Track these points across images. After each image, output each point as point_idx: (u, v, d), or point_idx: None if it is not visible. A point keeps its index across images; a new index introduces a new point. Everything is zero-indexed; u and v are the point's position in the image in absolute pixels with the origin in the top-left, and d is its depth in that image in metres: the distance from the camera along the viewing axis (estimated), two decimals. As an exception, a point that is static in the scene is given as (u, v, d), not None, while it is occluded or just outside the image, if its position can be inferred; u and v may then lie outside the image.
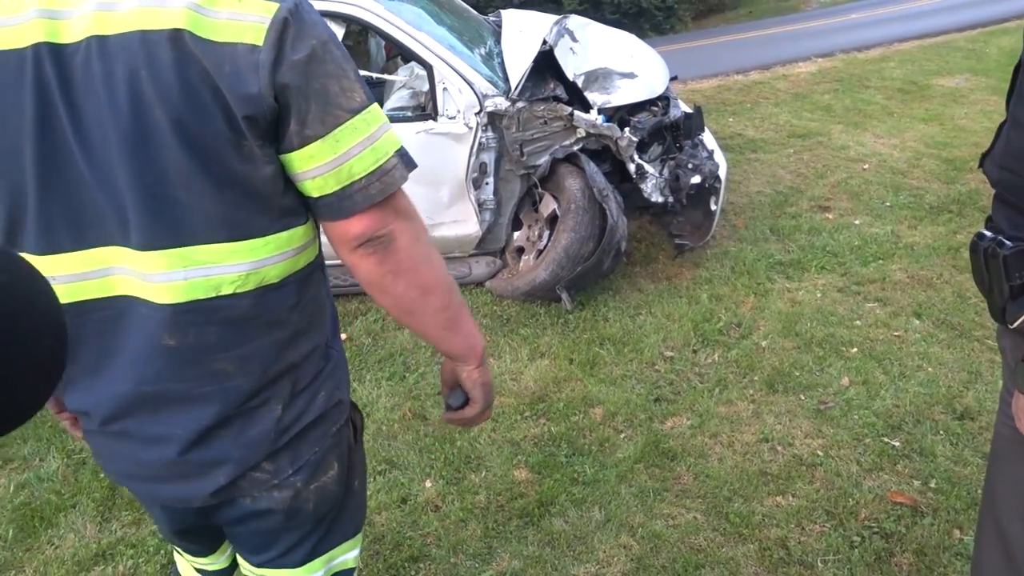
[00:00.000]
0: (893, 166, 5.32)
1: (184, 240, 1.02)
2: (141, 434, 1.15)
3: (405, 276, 1.12)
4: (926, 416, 2.81)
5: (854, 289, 3.75)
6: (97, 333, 1.09)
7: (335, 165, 1.02)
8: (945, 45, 9.62)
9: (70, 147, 0.98)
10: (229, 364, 1.10)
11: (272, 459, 1.19)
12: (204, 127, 0.97)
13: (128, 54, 0.94)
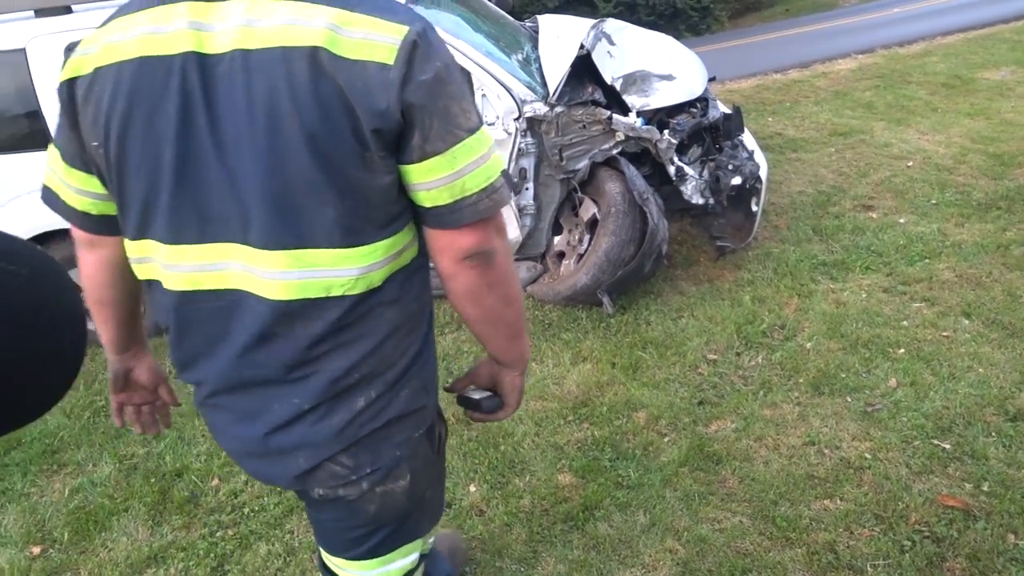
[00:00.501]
0: (938, 163, 5.22)
1: (303, 243, 1.09)
2: (238, 411, 1.27)
3: (497, 289, 1.21)
4: (977, 418, 2.75)
5: (900, 289, 3.69)
6: (207, 320, 1.19)
7: (451, 180, 1.10)
8: (990, 37, 9.41)
9: (207, 150, 1.06)
10: (326, 357, 1.18)
11: (352, 454, 1.26)
12: (334, 139, 1.04)
13: (269, 68, 1.02)
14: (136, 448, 3.21)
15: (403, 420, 1.29)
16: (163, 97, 1.05)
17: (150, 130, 1.07)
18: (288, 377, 1.20)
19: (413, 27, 1.05)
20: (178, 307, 1.20)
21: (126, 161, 1.10)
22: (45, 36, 3.55)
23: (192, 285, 1.17)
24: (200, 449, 3.15)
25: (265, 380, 1.21)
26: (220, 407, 1.29)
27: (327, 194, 1.07)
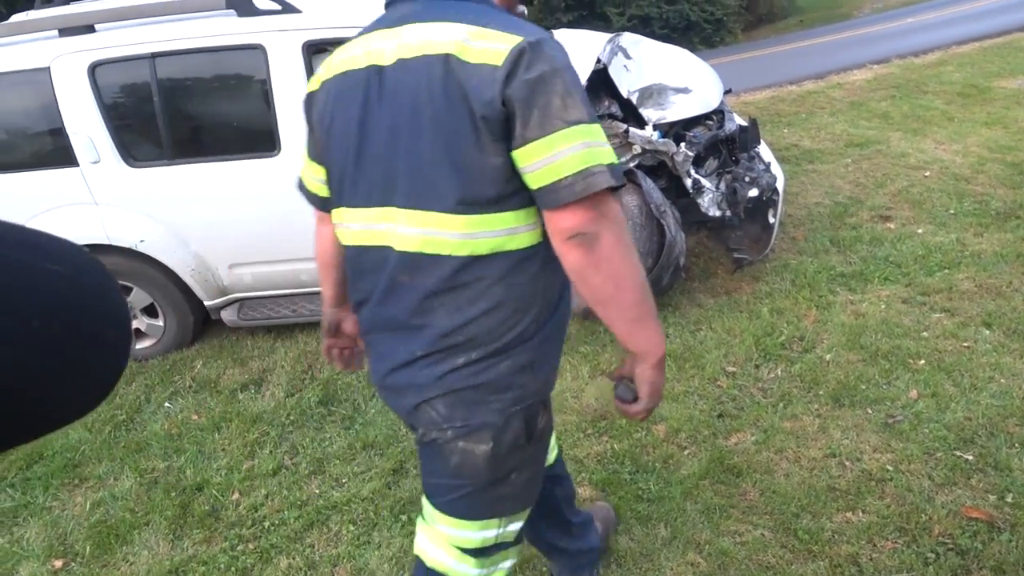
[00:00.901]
0: (956, 172, 5.20)
1: (426, 206, 1.36)
2: (377, 349, 1.55)
3: (603, 270, 1.32)
4: (1000, 429, 2.73)
5: (919, 300, 3.67)
6: (371, 269, 1.49)
7: (548, 162, 1.27)
8: (1006, 46, 9.38)
9: (377, 132, 1.40)
10: (436, 312, 1.41)
11: (447, 403, 1.46)
12: (454, 124, 1.30)
13: (416, 70, 1.33)
14: (157, 462, 3.24)
15: (499, 390, 1.45)
16: (353, 97, 1.42)
17: (345, 121, 1.44)
18: (409, 323, 1.45)
19: (527, 39, 1.28)
20: (351, 259, 1.55)
21: (332, 145, 1.48)
22: (69, 55, 3.60)
23: (362, 240, 1.49)
24: (220, 463, 3.17)
25: (394, 324, 1.48)
26: (369, 345, 1.59)
27: (446, 168, 1.33)
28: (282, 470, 3.10)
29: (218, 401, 3.66)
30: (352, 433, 3.25)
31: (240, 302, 4.13)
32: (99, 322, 0.53)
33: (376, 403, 3.44)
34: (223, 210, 3.77)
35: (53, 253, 0.51)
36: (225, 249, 3.89)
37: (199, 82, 3.78)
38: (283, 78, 3.55)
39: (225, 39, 3.56)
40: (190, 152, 3.75)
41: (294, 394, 3.62)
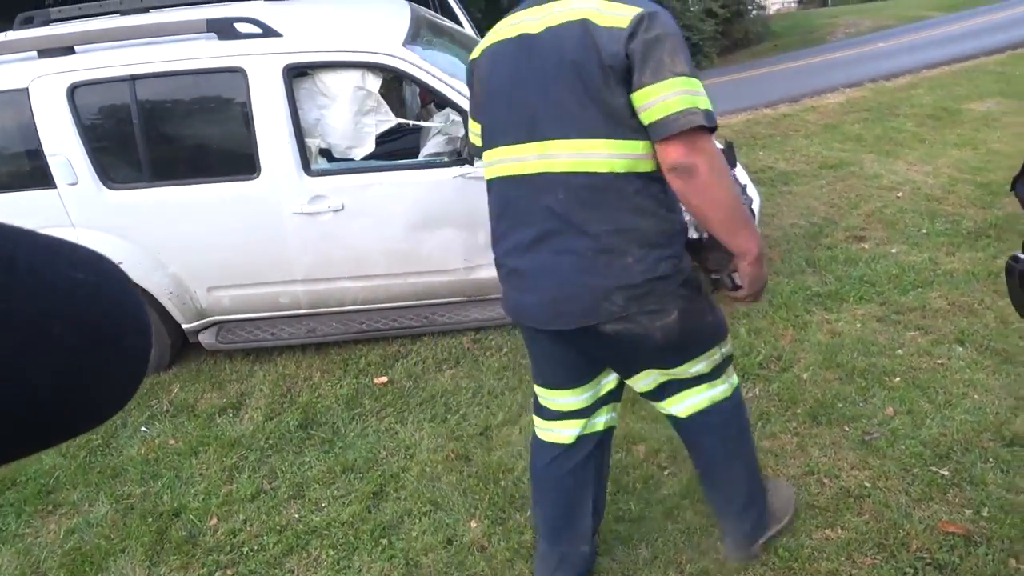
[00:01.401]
0: (927, 193, 5.29)
1: (573, 135, 1.75)
2: (541, 262, 1.86)
3: (701, 196, 1.70)
4: (974, 444, 2.77)
5: (894, 318, 3.72)
6: (525, 195, 1.84)
7: (658, 102, 1.65)
8: (975, 69, 9.58)
9: (526, 86, 1.80)
10: (593, 218, 1.77)
11: (624, 297, 1.78)
12: (589, 70, 1.70)
13: (560, 33, 1.74)
14: (133, 487, 3.21)
15: (663, 279, 1.79)
16: (505, 61, 1.86)
17: (499, 79, 1.88)
18: (568, 232, 1.79)
19: (647, 9, 1.70)
20: (504, 188, 1.91)
21: (487, 100, 1.93)
22: (48, 76, 3.59)
23: (512, 171, 1.86)
24: (198, 488, 3.14)
25: (556, 233, 1.81)
26: (512, 271, 1.95)
27: (585, 104, 1.72)
28: (261, 494, 3.08)
29: (196, 425, 3.62)
30: (331, 456, 3.23)
31: (218, 325, 4.11)
32: (120, 330, 0.53)
33: (356, 426, 3.43)
34: (202, 233, 3.76)
35: (75, 260, 0.52)
36: (204, 272, 3.87)
37: (179, 105, 3.78)
38: (263, 101, 3.56)
39: (206, 62, 3.57)
40: (169, 174, 3.75)
41: (273, 418, 3.60)
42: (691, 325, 1.89)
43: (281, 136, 3.59)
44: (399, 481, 3.00)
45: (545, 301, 1.86)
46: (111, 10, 4.13)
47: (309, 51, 3.60)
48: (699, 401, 2.09)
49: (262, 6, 4.06)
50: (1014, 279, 1.31)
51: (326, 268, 3.84)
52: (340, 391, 3.70)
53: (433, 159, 3.86)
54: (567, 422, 2.15)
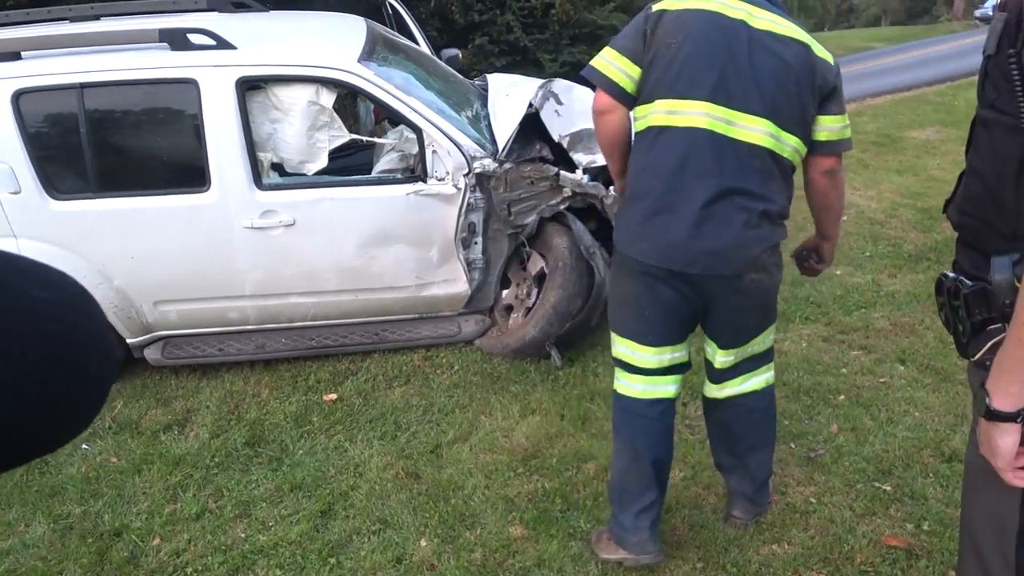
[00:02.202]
0: (871, 217, 5.45)
1: (776, 121, 2.09)
2: (710, 217, 2.13)
3: (835, 192, 2.28)
4: (915, 460, 2.84)
5: (839, 338, 3.81)
6: (700, 149, 2.11)
7: (839, 127, 2.18)
8: (916, 99, 9.91)
9: (743, 60, 2.07)
10: (766, 189, 2.12)
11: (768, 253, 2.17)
12: (805, 83, 2.10)
13: (790, 45, 2.09)
14: (72, 507, 3.11)
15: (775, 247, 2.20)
16: (718, 31, 2.08)
17: (715, 43, 2.08)
18: (743, 191, 2.10)
19: (833, 58, 2.19)
20: (677, 140, 2.13)
21: (678, 56, 2.09)
22: None
23: (701, 125, 2.10)
24: (141, 507, 3.06)
25: (733, 191, 2.11)
26: (673, 218, 2.15)
27: (793, 104, 2.10)
28: (206, 514, 3.01)
29: (139, 443, 3.53)
30: (279, 475, 3.17)
31: (165, 340, 4.02)
32: (84, 351, 0.52)
33: (304, 443, 3.38)
34: (149, 246, 3.68)
35: (40, 280, 0.51)
36: (150, 285, 3.79)
37: (128, 114, 3.72)
38: (215, 114, 3.52)
39: (157, 72, 3.52)
40: (116, 185, 3.67)
41: (219, 435, 3.52)
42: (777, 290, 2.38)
43: (232, 149, 3.55)
44: (348, 499, 2.96)
45: (716, 248, 2.12)
46: (60, 16, 4.05)
47: (263, 64, 3.58)
48: (759, 381, 2.46)
49: (216, 18, 4.03)
50: (942, 296, 1.36)
51: (276, 284, 3.79)
52: (289, 408, 3.65)
53: (386, 176, 3.86)
54: (670, 377, 2.39)
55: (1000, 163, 1.24)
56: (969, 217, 1.34)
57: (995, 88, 1.23)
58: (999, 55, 1.19)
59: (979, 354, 1.29)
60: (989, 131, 1.27)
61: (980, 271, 1.28)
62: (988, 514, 1.39)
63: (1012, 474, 1.24)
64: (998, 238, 1.26)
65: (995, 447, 1.23)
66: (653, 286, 2.21)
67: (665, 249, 2.14)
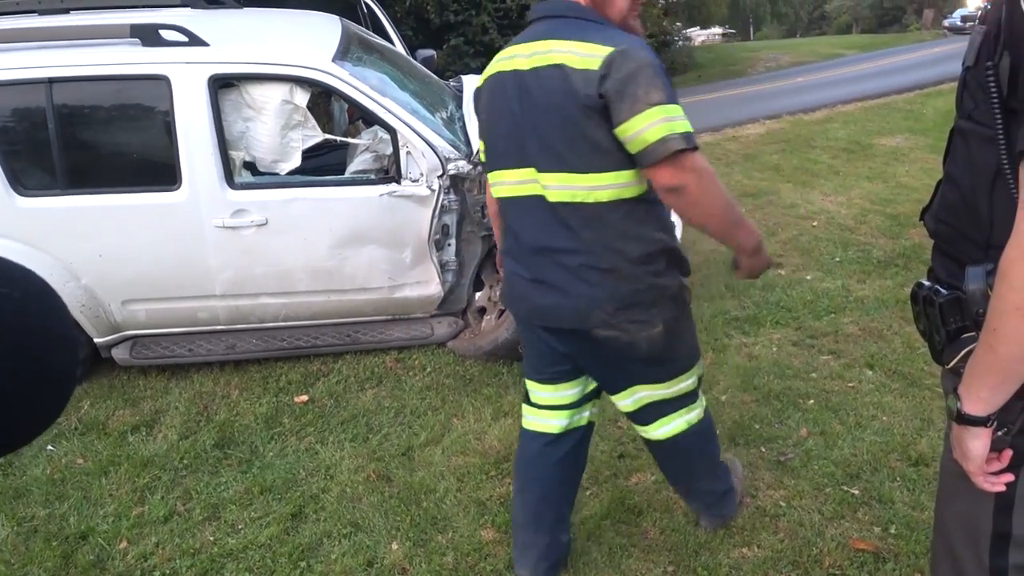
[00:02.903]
0: (841, 223, 5.52)
1: (563, 169, 1.91)
2: (533, 271, 2.06)
3: (695, 210, 1.87)
4: (883, 464, 2.88)
5: (808, 342, 3.86)
6: (520, 213, 2.05)
7: (637, 135, 1.78)
8: (885, 106, 10.06)
9: (522, 117, 1.95)
10: (581, 242, 1.94)
11: (613, 307, 1.96)
12: (573, 111, 1.84)
13: (547, 75, 1.88)
14: (37, 509, 3.05)
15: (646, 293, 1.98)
16: (504, 93, 2.00)
17: (500, 110, 2.03)
18: (561, 250, 1.97)
19: (618, 47, 1.80)
20: (506, 207, 2.10)
21: (490, 127, 2.11)
22: None
23: (515, 192, 2.04)
24: (107, 510, 3.02)
25: (548, 251, 2.00)
26: (516, 275, 2.12)
27: (572, 142, 1.87)
28: (174, 516, 2.97)
29: (106, 444, 3.48)
30: (249, 477, 3.14)
31: (133, 340, 3.97)
32: (47, 347, 0.51)
33: (275, 445, 3.35)
34: (118, 244, 3.63)
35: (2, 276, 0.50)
36: (119, 284, 3.74)
37: (98, 111, 3.66)
38: (187, 111, 3.48)
39: (128, 68, 3.47)
40: (85, 182, 3.62)
41: (188, 436, 3.48)
42: (675, 340, 2.10)
43: (204, 147, 3.51)
44: (319, 502, 2.94)
45: (547, 305, 2.05)
46: (29, 9, 3.98)
47: (236, 62, 3.54)
48: (678, 425, 2.29)
49: (190, 14, 3.98)
50: (918, 304, 1.37)
51: (247, 284, 3.76)
52: (259, 409, 3.61)
53: (360, 176, 3.84)
54: (556, 413, 2.30)
55: (976, 173, 1.25)
56: (945, 225, 1.36)
57: (973, 99, 1.25)
58: (977, 67, 1.21)
59: (953, 362, 1.31)
60: (966, 141, 1.29)
61: (955, 279, 1.29)
62: (962, 518, 1.40)
63: (984, 478, 1.26)
64: (972, 247, 1.28)
65: (967, 451, 1.25)
66: (526, 330, 2.27)
67: (516, 302, 2.19)
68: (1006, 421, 1.23)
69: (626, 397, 2.25)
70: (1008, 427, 1.24)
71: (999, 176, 1.19)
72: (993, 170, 1.20)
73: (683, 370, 2.21)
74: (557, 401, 2.30)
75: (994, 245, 1.18)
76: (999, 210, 1.21)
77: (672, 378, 2.19)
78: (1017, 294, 1.08)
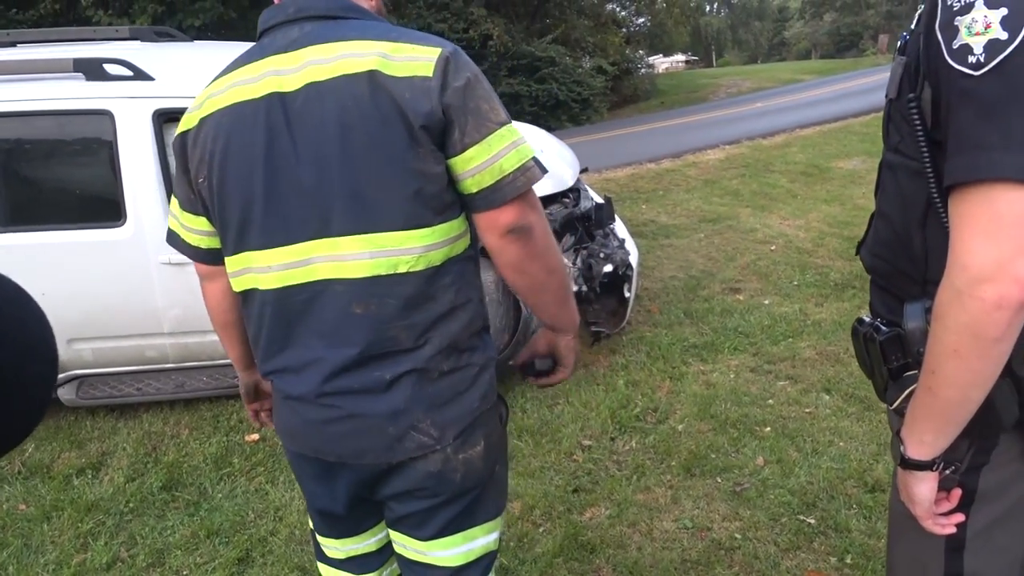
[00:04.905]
0: (799, 246, 5.56)
1: (374, 228, 1.30)
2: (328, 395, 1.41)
3: (539, 260, 1.37)
4: (839, 491, 2.86)
5: (766, 368, 3.85)
6: (298, 311, 1.38)
7: (490, 163, 1.29)
8: (842, 130, 10.23)
9: (290, 165, 1.31)
10: (401, 331, 1.35)
11: (433, 422, 1.40)
12: (392, 139, 1.27)
13: (337, 92, 1.28)
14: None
15: (473, 392, 1.44)
16: (253, 132, 1.32)
17: (242, 159, 1.34)
18: (368, 353, 1.36)
19: (445, 48, 1.31)
20: (273, 303, 1.40)
21: (224, 187, 1.37)
22: None
23: (285, 281, 1.37)
24: (48, 558, 2.91)
25: (349, 363, 1.37)
26: (323, 401, 1.43)
27: (391, 186, 1.29)
28: (117, 563, 2.86)
29: (50, 488, 3.37)
30: (196, 520, 3.05)
31: (80, 379, 3.86)
32: (21, 355, 0.49)
33: (224, 486, 3.26)
34: (62, 281, 3.53)
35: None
36: (63, 323, 3.63)
37: (40, 145, 3.58)
38: (131, 146, 3.41)
39: (71, 103, 3.40)
40: (27, 219, 3.53)
41: (135, 479, 3.38)
42: (489, 467, 1.51)
43: (149, 182, 3.44)
44: (267, 545, 2.86)
45: (344, 432, 1.42)
46: (-26, 43, 3.91)
47: (182, 96, 3.48)
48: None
49: (138, 47, 3.93)
50: (859, 341, 1.35)
51: (195, 321, 3.66)
52: (209, 449, 3.52)
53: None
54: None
55: (907, 207, 1.23)
56: (880, 260, 1.34)
57: (898, 131, 1.23)
58: (900, 99, 1.19)
59: (897, 401, 1.28)
60: (894, 174, 1.26)
61: (895, 315, 1.27)
62: (912, 559, 1.38)
63: (932, 521, 1.23)
64: (909, 283, 1.25)
65: (912, 495, 1.22)
66: (310, 473, 1.65)
67: (304, 436, 1.53)
68: (953, 459, 1.20)
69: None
70: (956, 465, 1.21)
71: (930, 210, 1.16)
72: (924, 204, 1.18)
73: (490, 515, 1.57)
74: (355, 552, 1.71)
75: (931, 280, 1.16)
76: (933, 245, 1.18)
77: (471, 525, 1.54)
78: (953, 336, 1.04)
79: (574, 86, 17.06)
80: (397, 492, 1.48)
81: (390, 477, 1.45)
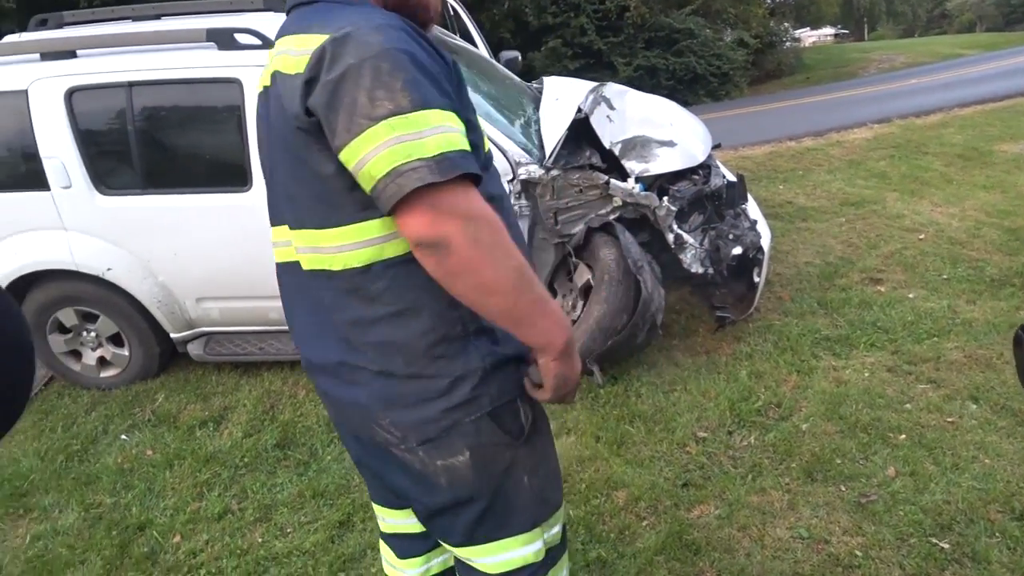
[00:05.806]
0: (951, 236, 5.09)
1: (303, 225, 1.32)
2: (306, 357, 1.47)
3: (464, 279, 1.17)
4: (980, 515, 2.57)
5: (905, 369, 3.53)
6: (291, 287, 1.44)
7: (358, 168, 1.15)
8: (1008, 109, 9.34)
9: (265, 153, 1.41)
10: (341, 324, 1.33)
11: (392, 422, 1.35)
12: (290, 139, 1.25)
13: (273, 93, 1.29)
14: (104, 497, 3.18)
15: (443, 401, 1.32)
16: (258, 120, 1.42)
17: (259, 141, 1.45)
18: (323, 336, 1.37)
19: (333, 34, 1.15)
20: (281, 275, 1.47)
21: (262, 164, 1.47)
22: (47, 79, 3.57)
23: (283, 257, 1.44)
24: (167, 503, 3.08)
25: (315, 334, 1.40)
26: None
27: (303, 182, 1.27)
28: (227, 515, 2.98)
29: (175, 437, 3.55)
30: (304, 480, 3.12)
31: (207, 336, 4.04)
32: None
33: (333, 449, 3.31)
34: (192, 243, 3.69)
35: None
36: (193, 282, 3.80)
37: (174, 113, 3.73)
38: None
39: (203, 71, 3.50)
40: (162, 182, 3.68)
41: (252, 435, 3.50)
42: (491, 477, 1.39)
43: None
44: (368, 511, 2.87)
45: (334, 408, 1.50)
46: (124, 16, 4.10)
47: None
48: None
49: (267, 17, 4.00)
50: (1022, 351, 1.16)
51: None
52: (323, 411, 3.59)
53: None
54: (409, 561, 1.72)
55: None
56: None
57: None
58: None
59: None
60: None
61: None
62: None
63: None
64: None
65: None
66: None
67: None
68: None
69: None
70: None
71: None
72: None
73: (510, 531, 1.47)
74: (402, 528, 1.71)
75: None
76: None
77: (484, 541, 1.46)
78: None
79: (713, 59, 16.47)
80: (398, 486, 1.48)
81: (387, 460, 1.43)
